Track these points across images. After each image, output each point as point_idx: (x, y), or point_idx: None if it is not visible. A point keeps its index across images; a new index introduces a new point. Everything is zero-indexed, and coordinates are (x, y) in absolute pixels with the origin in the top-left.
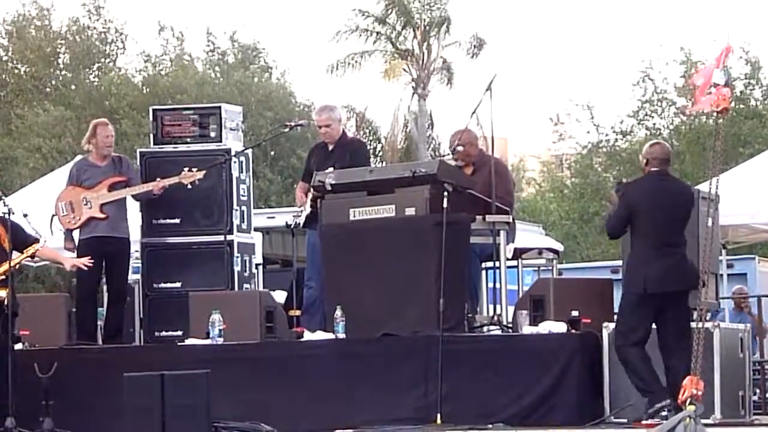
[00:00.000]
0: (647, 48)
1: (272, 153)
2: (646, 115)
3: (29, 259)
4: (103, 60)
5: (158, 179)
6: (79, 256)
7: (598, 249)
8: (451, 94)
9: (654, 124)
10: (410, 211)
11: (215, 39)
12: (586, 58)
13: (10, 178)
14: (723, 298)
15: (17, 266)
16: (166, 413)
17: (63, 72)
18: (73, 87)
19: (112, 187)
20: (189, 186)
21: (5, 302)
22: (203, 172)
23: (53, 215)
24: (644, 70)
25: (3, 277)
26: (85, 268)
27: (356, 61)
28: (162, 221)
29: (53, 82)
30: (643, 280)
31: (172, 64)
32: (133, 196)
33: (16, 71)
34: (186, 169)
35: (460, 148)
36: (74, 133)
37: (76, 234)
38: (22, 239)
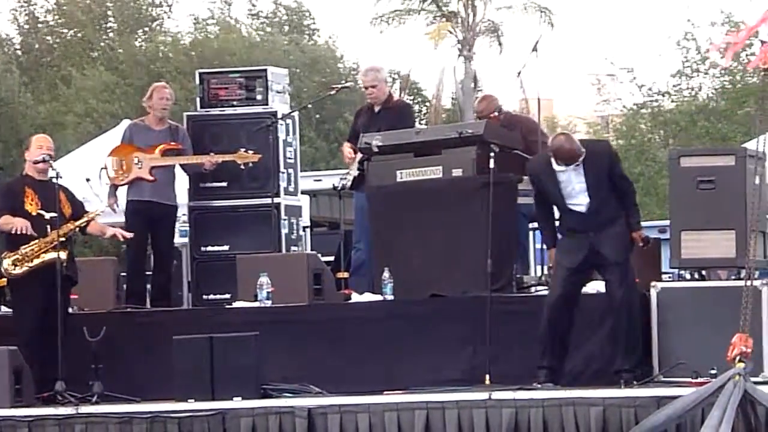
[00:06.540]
0: (690, 8)
1: (317, 116)
2: (690, 74)
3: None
4: (150, 24)
5: (212, 153)
6: (125, 218)
7: (644, 210)
8: (499, 54)
9: (699, 84)
10: (457, 172)
11: (257, 2)
12: (631, 16)
13: (56, 143)
14: None
15: (74, 231)
16: (215, 376)
17: (111, 36)
18: (120, 51)
19: (164, 153)
20: (242, 167)
21: (64, 264)
22: (259, 156)
23: (102, 168)
24: (688, 30)
25: (63, 239)
26: (122, 239)
27: (401, 19)
28: (209, 184)
29: (101, 44)
30: None
31: (219, 27)
32: (183, 166)
33: (64, 34)
34: (243, 149)
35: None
36: (122, 98)
37: (120, 193)
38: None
